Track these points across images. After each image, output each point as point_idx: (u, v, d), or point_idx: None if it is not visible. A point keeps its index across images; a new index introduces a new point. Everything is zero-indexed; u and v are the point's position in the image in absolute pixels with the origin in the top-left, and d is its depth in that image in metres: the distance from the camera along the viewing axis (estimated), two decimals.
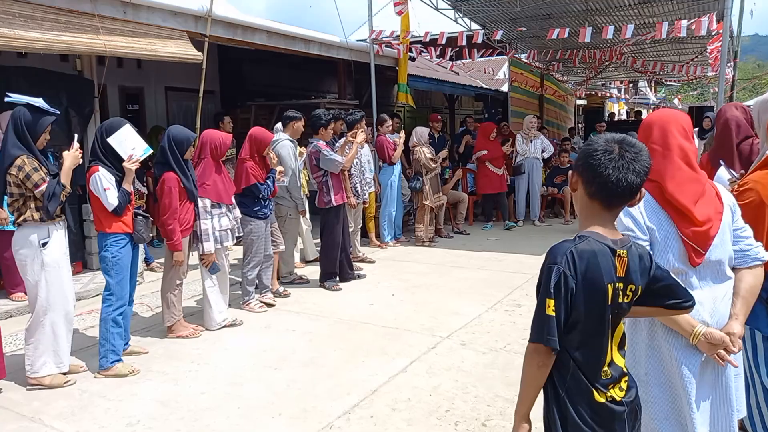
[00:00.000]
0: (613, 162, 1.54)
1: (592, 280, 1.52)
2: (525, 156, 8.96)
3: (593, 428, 1.57)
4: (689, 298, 1.69)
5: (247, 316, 4.93)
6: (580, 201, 1.65)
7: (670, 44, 11.67)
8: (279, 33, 7.15)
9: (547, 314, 1.50)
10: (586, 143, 1.67)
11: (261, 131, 5.12)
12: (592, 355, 1.58)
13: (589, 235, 1.58)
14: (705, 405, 1.97)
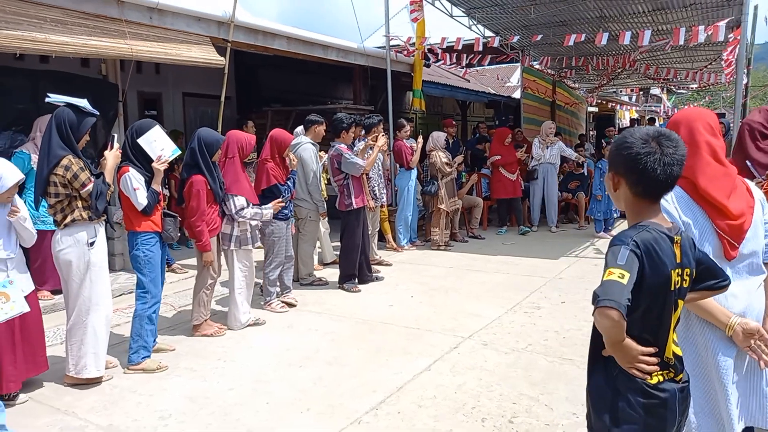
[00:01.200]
0: (657, 161, 1.57)
1: (657, 267, 1.56)
2: (539, 161, 8.98)
3: (641, 414, 1.60)
4: (726, 277, 1.75)
5: (269, 316, 4.99)
6: (625, 199, 1.69)
7: (683, 51, 11.70)
8: (298, 39, 7.26)
9: (620, 281, 1.48)
10: (618, 144, 1.67)
11: (282, 133, 5.20)
12: (651, 339, 1.62)
13: (647, 224, 1.62)
14: (739, 396, 2.00)
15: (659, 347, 1.62)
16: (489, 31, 10.40)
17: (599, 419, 1.67)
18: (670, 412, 1.63)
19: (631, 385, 1.61)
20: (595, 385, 1.71)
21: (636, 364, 1.58)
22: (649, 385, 1.60)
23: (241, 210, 4.57)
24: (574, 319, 4.79)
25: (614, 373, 1.63)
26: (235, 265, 4.65)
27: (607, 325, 1.48)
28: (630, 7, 8.94)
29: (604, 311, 1.47)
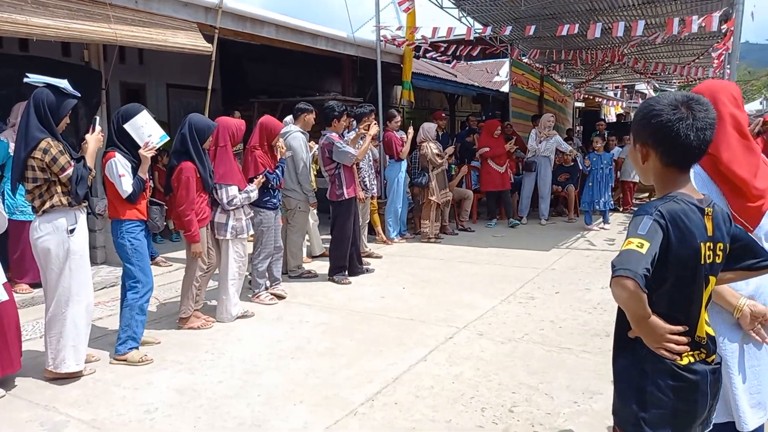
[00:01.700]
0: (689, 126, 1.48)
1: (684, 237, 1.47)
2: (534, 154, 8.94)
3: (671, 398, 1.51)
4: (767, 257, 1.65)
5: (258, 308, 4.87)
6: (654, 171, 1.59)
7: (671, 46, 11.73)
8: (287, 27, 7.12)
9: (638, 250, 1.40)
10: (645, 112, 1.56)
11: (271, 120, 5.07)
12: (681, 318, 1.53)
13: (675, 194, 1.53)
14: (749, 377, 1.93)
15: (690, 326, 1.53)
16: (478, 23, 10.33)
17: (625, 404, 1.58)
18: (701, 395, 1.54)
19: (659, 367, 1.52)
20: (621, 368, 1.62)
21: (664, 344, 1.49)
22: (679, 366, 1.51)
23: (233, 199, 4.44)
24: (569, 308, 4.73)
25: (642, 354, 1.54)
26: (230, 255, 4.52)
27: (624, 296, 1.39)
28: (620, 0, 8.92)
29: (619, 281, 1.38)
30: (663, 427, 1.53)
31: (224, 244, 4.52)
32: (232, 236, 4.49)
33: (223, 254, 4.55)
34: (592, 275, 5.78)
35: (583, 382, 3.37)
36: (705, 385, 1.54)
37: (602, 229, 8.38)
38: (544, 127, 9.10)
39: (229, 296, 4.53)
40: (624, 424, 1.60)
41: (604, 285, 5.39)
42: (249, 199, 4.57)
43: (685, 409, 1.53)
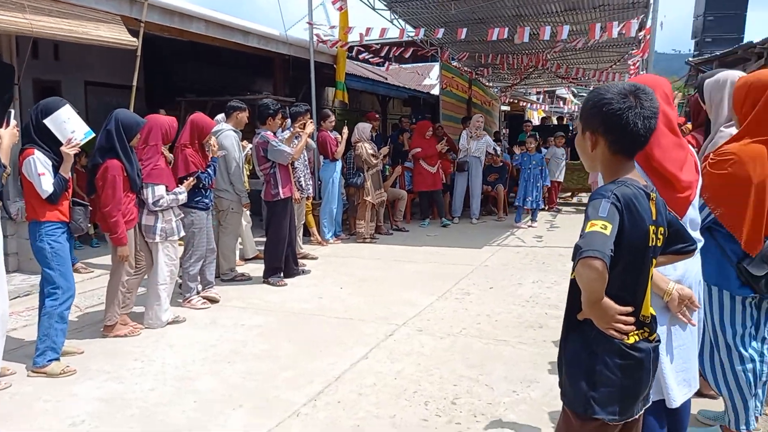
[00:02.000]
0: (637, 114, 1.54)
1: (635, 221, 1.52)
2: (466, 154, 9.13)
3: (618, 376, 1.57)
4: (693, 241, 1.74)
5: (190, 313, 4.68)
6: (603, 158, 1.64)
7: (590, 52, 12.35)
8: (218, 23, 6.91)
9: (602, 232, 1.43)
10: (596, 101, 1.60)
11: (203, 117, 4.90)
12: (629, 298, 1.58)
13: (626, 179, 1.59)
14: (676, 357, 2.03)
15: (636, 306, 1.59)
16: (410, 26, 10.45)
17: (575, 385, 1.62)
18: (645, 372, 1.61)
19: (608, 347, 1.57)
20: (571, 351, 1.66)
21: (614, 325, 1.54)
22: (627, 345, 1.57)
23: (159, 200, 4.24)
24: (503, 303, 4.85)
25: (591, 335, 1.59)
26: (161, 258, 4.32)
27: (592, 276, 1.42)
28: (545, 6, 9.29)
29: (587, 261, 1.41)
30: (611, 404, 1.58)
31: (154, 247, 4.31)
32: (162, 239, 4.29)
33: (153, 257, 4.34)
34: (523, 271, 5.96)
35: (521, 372, 3.46)
36: (648, 362, 1.61)
37: (530, 227, 8.67)
38: (474, 128, 9.32)
39: (160, 301, 4.33)
40: (573, 404, 1.63)
41: (534, 279, 5.58)
42: (177, 201, 4.38)
43: (631, 386, 1.59)
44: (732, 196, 2.28)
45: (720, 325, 2.47)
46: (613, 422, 1.61)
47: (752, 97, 2.37)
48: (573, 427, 1.66)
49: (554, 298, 4.97)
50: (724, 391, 2.54)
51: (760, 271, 2.35)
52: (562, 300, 4.92)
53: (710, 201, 2.34)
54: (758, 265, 2.35)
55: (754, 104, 2.36)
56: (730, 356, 2.47)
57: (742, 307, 2.45)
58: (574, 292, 1.63)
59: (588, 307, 1.53)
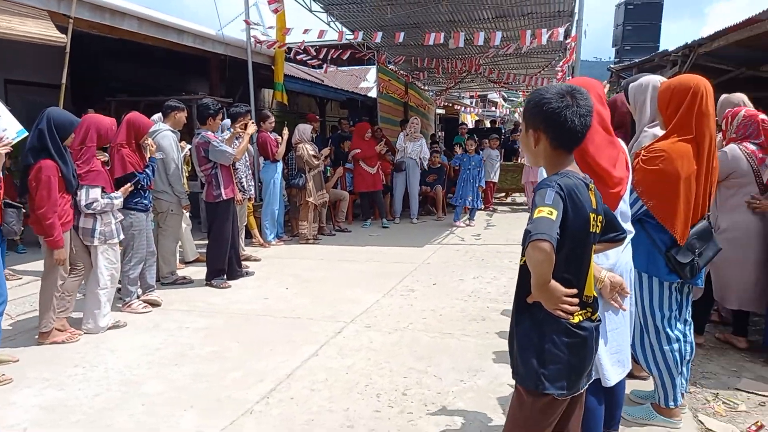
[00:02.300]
0: (574, 113, 1.69)
1: (577, 208, 1.66)
2: (403, 154, 9.29)
3: (566, 353, 1.70)
4: (623, 231, 1.91)
5: (131, 318, 4.54)
6: (545, 153, 1.77)
7: (520, 58, 12.84)
8: (151, 20, 6.71)
9: (549, 217, 1.55)
10: (537, 101, 1.74)
11: (140, 117, 4.77)
12: (574, 280, 1.71)
13: (567, 172, 1.72)
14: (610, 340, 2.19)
15: (580, 287, 1.73)
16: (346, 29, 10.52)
17: (526, 364, 1.74)
18: (588, 349, 1.75)
19: (555, 327, 1.70)
20: (522, 331, 1.77)
21: (560, 306, 1.66)
22: (572, 324, 1.70)
23: (93, 203, 4.09)
24: (446, 298, 5.00)
25: (540, 317, 1.71)
26: (100, 261, 4.18)
27: (540, 258, 1.53)
28: (477, 13, 9.61)
29: (536, 244, 1.52)
30: (559, 380, 1.71)
31: (93, 250, 4.17)
32: (101, 241, 4.16)
33: (92, 260, 4.19)
34: (463, 267, 6.15)
35: (466, 363, 3.60)
36: (591, 340, 1.76)
37: (468, 226, 8.93)
38: (411, 130, 9.50)
39: (100, 306, 4.19)
40: (525, 381, 1.75)
41: (475, 275, 5.78)
42: (112, 205, 4.24)
43: (577, 362, 1.73)
44: (663, 189, 2.48)
45: (650, 310, 2.67)
46: (562, 397, 1.74)
47: (675, 101, 2.59)
48: (526, 403, 1.78)
49: (494, 292, 5.17)
50: (653, 370, 2.75)
51: (686, 259, 2.58)
52: (502, 294, 5.16)
53: (643, 194, 2.54)
54: (684, 253, 2.58)
55: (677, 107, 2.58)
56: (659, 338, 2.68)
57: (669, 292, 2.67)
58: (524, 276, 1.76)
59: (537, 289, 1.65)
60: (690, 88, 2.54)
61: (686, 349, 2.75)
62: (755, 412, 2.95)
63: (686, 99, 2.53)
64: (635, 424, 2.79)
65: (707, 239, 2.65)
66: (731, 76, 7.03)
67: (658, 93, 2.72)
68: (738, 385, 3.24)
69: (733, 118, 3.63)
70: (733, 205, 3.62)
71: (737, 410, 2.97)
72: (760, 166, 3.54)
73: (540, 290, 1.63)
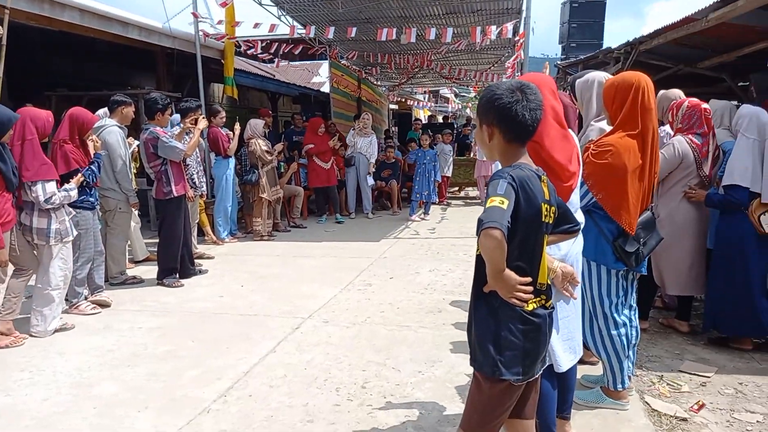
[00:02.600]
0: (525, 107, 1.75)
1: (529, 198, 1.72)
2: (353, 149, 9.29)
3: (521, 340, 1.76)
4: (577, 222, 1.98)
5: (79, 319, 4.40)
6: (499, 147, 1.83)
7: (471, 54, 13.02)
8: (93, 12, 6.46)
9: (500, 206, 1.60)
10: (489, 98, 1.79)
11: (83, 111, 4.61)
12: (527, 268, 1.77)
13: (520, 164, 1.78)
14: (561, 328, 2.28)
15: (533, 276, 1.79)
16: (297, 23, 10.42)
17: (484, 350, 1.79)
18: (542, 335, 1.82)
19: (511, 314, 1.75)
20: (479, 319, 1.82)
21: (515, 294, 1.72)
22: (527, 312, 1.76)
23: (51, 197, 3.95)
24: (403, 291, 5.05)
25: (496, 305, 1.77)
26: (54, 261, 4.04)
27: (492, 245, 1.58)
28: (428, 9, 9.68)
29: (488, 232, 1.57)
30: (515, 366, 1.77)
31: (47, 250, 4.01)
32: (57, 240, 4.02)
33: (44, 260, 4.03)
34: (419, 261, 6.23)
35: (424, 354, 3.66)
36: (545, 327, 1.82)
37: (423, 220, 9.03)
38: (362, 126, 9.51)
39: (51, 307, 4.04)
40: (483, 367, 1.80)
41: (431, 268, 5.86)
42: (69, 197, 4.11)
43: (532, 348, 1.79)
44: (611, 182, 2.59)
45: (598, 297, 2.79)
46: (518, 382, 1.80)
47: (620, 98, 2.71)
48: (483, 389, 1.84)
49: (450, 284, 5.26)
50: (602, 355, 2.87)
51: (632, 248, 2.70)
52: (457, 286, 5.25)
53: (593, 187, 2.64)
54: (631, 242, 2.70)
55: (622, 103, 2.70)
56: (607, 323, 2.80)
57: (616, 279, 2.79)
58: (480, 267, 1.81)
59: (492, 278, 1.70)
60: (632, 85, 2.66)
61: (632, 334, 2.88)
62: (697, 392, 3.13)
63: (630, 95, 2.65)
64: (586, 408, 2.91)
65: (651, 229, 2.79)
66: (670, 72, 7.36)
67: (603, 90, 2.83)
68: (681, 367, 3.42)
69: (678, 109, 3.80)
70: (673, 194, 3.80)
71: (680, 391, 3.13)
72: (702, 159, 3.73)
73: (495, 279, 1.69)
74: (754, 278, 3.57)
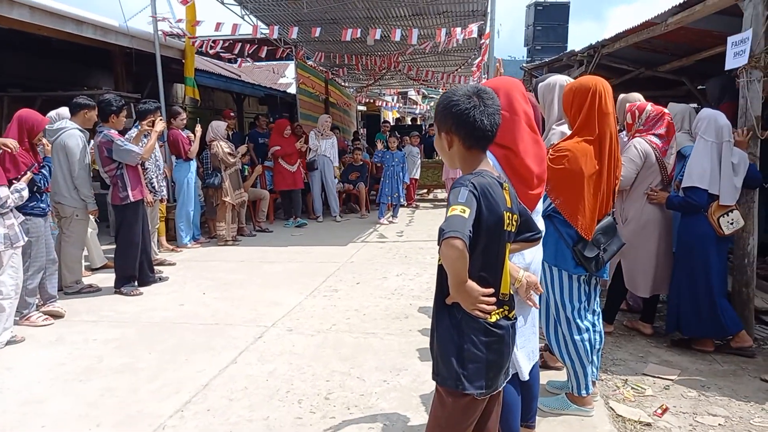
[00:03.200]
0: (482, 112, 1.70)
1: (491, 206, 1.66)
2: (316, 152, 9.18)
3: (484, 352, 1.70)
4: (539, 231, 1.94)
5: (29, 331, 4.20)
6: (459, 155, 1.77)
7: (438, 56, 13.04)
8: (45, 10, 6.20)
9: (462, 215, 1.55)
10: (446, 104, 1.75)
11: (33, 113, 4.43)
12: (490, 278, 1.72)
13: (481, 171, 1.72)
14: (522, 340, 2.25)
15: (496, 286, 1.74)
16: (261, 23, 10.25)
17: (447, 364, 1.73)
18: (506, 346, 1.77)
19: (474, 326, 1.70)
20: (442, 332, 1.76)
21: (478, 305, 1.66)
22: (490, 323, 1.71)
23: (6, 201, 3.78)
24: (370, 297, 4.98)
25: (458, 317, 1.71)
26: (5, 269, 3.83)
27: (453, 255, 1.53)
28: (393, 10, 9.64)
29: (449, 242, 1.52)
30: (479, 379, 1.71)
31: None
32: (6, 246, 3.82)
33: None
34: (387, 265, 6.17)
35: (390, 362, 3.59)
36: (508, 338, 1.78)
37: (392, 223, 8.98)
38: (322, 128, 9.39)
39: (1, 318, 3.85)
40: (446, 381, 1.75)
41: (398, 272, 5.80)
42: (21, 198, 3.94)
43: (495, 360, 1.74)
44: (569, 187, 2.58)
45: (560, 302, 2.77)
46: (482, 396, 1.75)
47: (577, 102, 2.70)
48: (446, 404, 1.78)
49: (417, 289, 5.21)
50: (566, 360, 2.85)
51: (592, 253, 2.69)
52: (424, 290, 5.20)
53: (551, 192, 2.62)
54: (590, 248, 2.68)
55: (579, 108, 2.69)
56: (570, 328, 2.78)
57: (577, 284, 2.78)
58: (442, 277, 1.75)
59: (454, 289, 1.64)
60: (590, 89, 2.65)
61: (596, 339, 2.87)
62: (661, 396, 3.14)
63: (587, 99, 2.65)
64: (551, 415, 2.89)
65: (612, 234, 2.78)
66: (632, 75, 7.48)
67: (563, 94, 2.82)
68: (644, 371, 3.44)
69: (641, 112, 3.83)
70: (638, 195, 3.84)
71: (644, 395, 3.14)
72: (663, 158, 3.77)
73: (457, 290, 1.63)
74: (714, 279, 3.61)
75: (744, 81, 3.74)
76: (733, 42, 3.75)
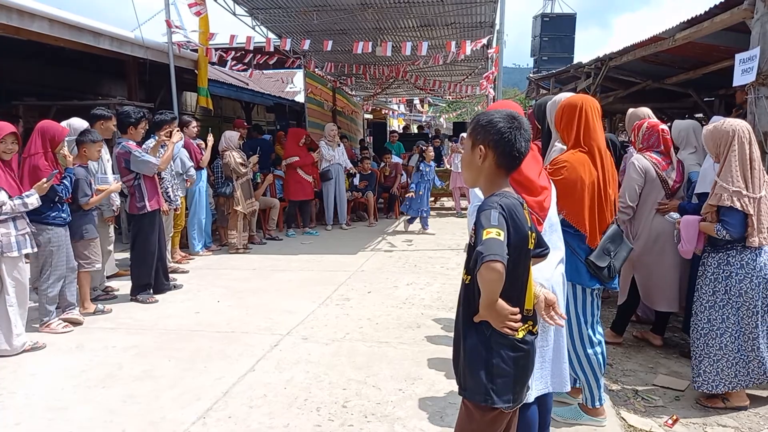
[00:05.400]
0: (521, 136, 1.80)
1: (518, 227, 1.75)
2: (330, 162, 9.26)
3: (512, 367, 1.78)
4: (546, 246, 2.02)
5: (50, 338, 4.29)
6: (488, 170, 1.85)
7: (445, 66, 13.16)
8: (64, 22, 6.33)
9: (498, 238, 1.62)
10: (488, 122, 1.84)
11: (53, 124, 4.55)
12: (516, 296, 1.79)
13: (504, 192, 1.81)
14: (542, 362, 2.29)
15: (521, 302, 1.82)
16: (272, 33, 10.38)
17: (475, 378, 1.80)
18: (530, 361, 1.85)
19: (502, 341, 1.78)
20: (470, 347, 1.83)
21: (507, 323, 1.74)
22: (518, 339, 1.79)
23: (3, 206, 3.86)
24: (382, 306, 5.06)
25: (487, 334, 1.79)
26: (5, 277, 3.92)
27: (494, 278, 1.60)
28: (402, 21, 9.76)
29: (490, 265, 1.59)
30: (506, 393, 1.79)
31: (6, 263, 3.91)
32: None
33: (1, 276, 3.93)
34: (397, 274, 6.25)
35: (404, 371, 3.66)
36: (533, 352, 1.86)
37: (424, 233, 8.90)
38: (330, 137, 9.45)
39: (11, 324, 3.93)
40: (474, 395, 1.82)
41: (409, 282, 5.88)
42: (25, 206, 4.00)
43: (521, 375, 1.82)
44: (571, 196, 2.65)
45: (575, 316, 2.83)
46: (509, 409, 1.83)
47: (566, 119, 2.80)
48: (474, 418, 1.85)
49: (428, 298, 5.29)
50: (580, 374, 2.91)
51: (603, 262, 2.76)
52: (435, 300, 5.26)
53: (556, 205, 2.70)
54: (600, 256, 2.76)
55: (568, 124, 2.78)
56: (583, 342, 2.85)
57: (591, 298, 2.85)
58: (468, 295, 1.82)
59: (485, 309, 1.72)
60: (576, 107, 2.76)
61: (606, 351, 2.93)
62: (671, 406, 3.20)
63: (575, 116, 2.75)
64: (564, 425, 2.95)
65: (619, 241, 2.86)
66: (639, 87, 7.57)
67: (554, 112, 2.91)
68: (654, 381, 3.50)
69: (638, 130, 3.95)
70: (645, 210, 3.91)
71: (655, 405, 3.21)
72: (664, 172, 3.85)
73: (488, 310, 1.71)
74: None
75: (752, 98, 3.82)
76: (741, 59, 3.84)
